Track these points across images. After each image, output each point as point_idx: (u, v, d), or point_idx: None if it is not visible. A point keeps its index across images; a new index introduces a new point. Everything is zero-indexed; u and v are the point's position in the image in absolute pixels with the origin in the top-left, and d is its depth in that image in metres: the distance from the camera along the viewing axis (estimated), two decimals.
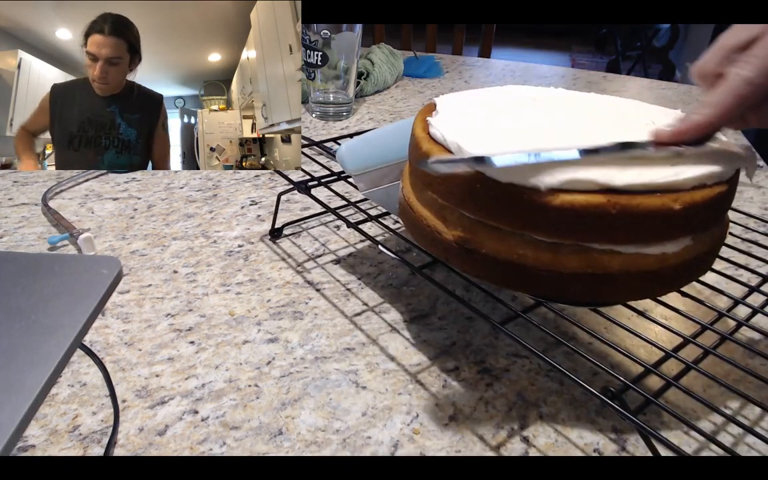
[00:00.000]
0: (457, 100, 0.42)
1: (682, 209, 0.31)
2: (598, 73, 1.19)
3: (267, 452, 0.34)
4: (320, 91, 0.85)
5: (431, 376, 0.39)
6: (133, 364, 0.39)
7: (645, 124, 0.39)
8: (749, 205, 0.65)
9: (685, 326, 0.44)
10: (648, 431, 0.29)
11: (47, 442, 0.34)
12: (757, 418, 0.37)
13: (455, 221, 0.35)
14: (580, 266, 0.32)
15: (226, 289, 0.47)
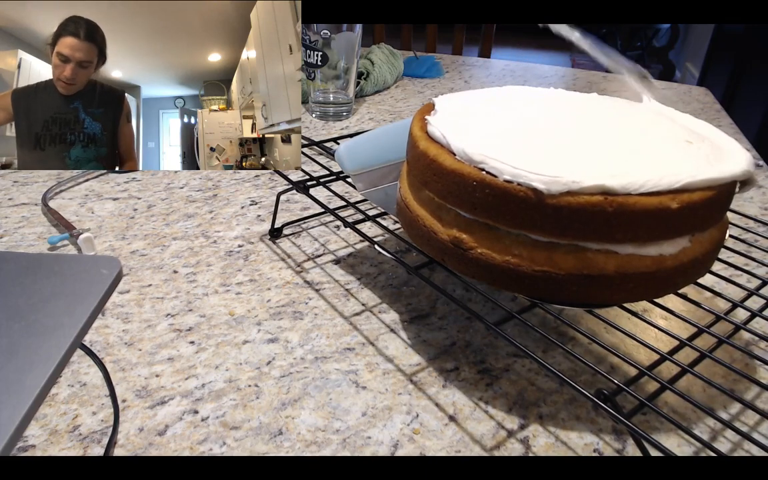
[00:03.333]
0: (456, 99, 0.42)
1: (680, 209, 0.31)
2: (598, 73, 1.19)
3: (267, 452, 0.34)
4: (320, 91, 0.85)
5: (431, 376, 0.39)
6: (133, 364, 0.39)
7: (643, 125, 0.39)
8: (749, 206, 0.65)
9: (684, 328, 0.44)
10: (639, 434, 0.29)
11: (47, 442, 0.34)
12: (755, 423, 0.37)
13: (451, 220, 0.35)
14: (576, 267, 0.32)
15: (226, 289, 0.47)
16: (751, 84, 2.44)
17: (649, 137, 0.36)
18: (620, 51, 3.32)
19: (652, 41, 3.75)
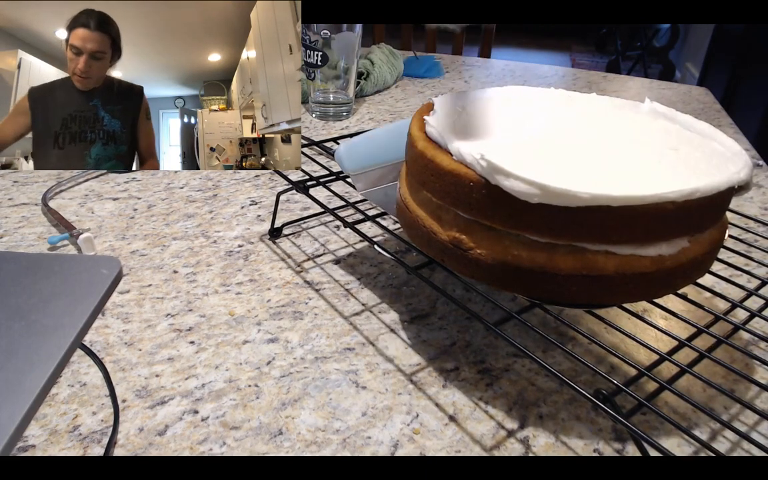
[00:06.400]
0: (455, 100, 0.42)
1: (677, 209, 0.31)
2: (598, 73, 1.19)
3: (267, 452, 0.34)
4: (320, 91, 0.85)
5: (431, 376, 0.39)
6: (133, 364, 0.40)
7: (641, 128, 0.39)
8: (749, 206, 0.65)
9: (684, 329, 0.44)
10: (638, 434, 0.29)
11: (47, 442, 0.34)
12: (755, 423, 0.37)
13: (450, 221, 0.35)
14: (576, 268, 0.32)
15: (226, 289, 0.47)
16: (751, 84, 2.44)
17: (646, 141, 0.36)
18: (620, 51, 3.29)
19: (652, 41, 3.75)
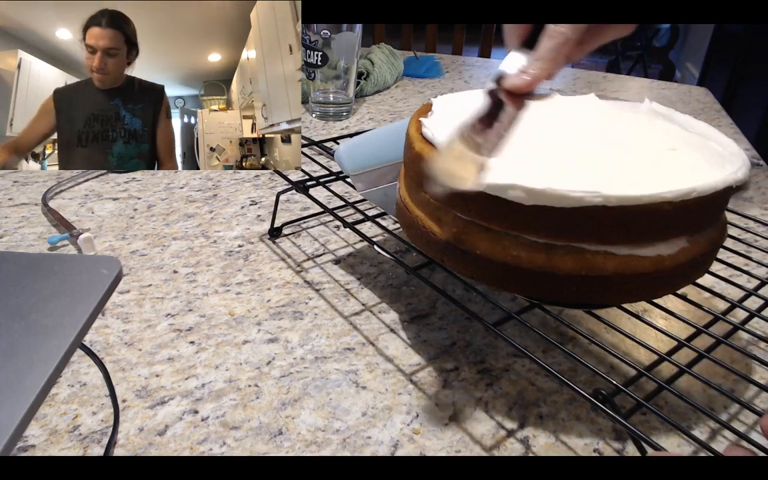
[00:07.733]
0: (453, 100, 0.42)
1: (674, 209, 0.31)
2: (598, 73, 1.19)
3: (267, 452, 0.34)
4: (320, 91, 0.85)
5: (431, 376, 0.39)
6: (133, 364, 0.40)
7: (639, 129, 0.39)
8: (749, 206, 0.65)
9: (683, 329, 0.44)
10: (637, 434, 0.29)
11: (47, 442, 0.34)
12: (754, 423, 0.37)
13: (449, 222, 0.35)
14: (575, 268, 0.32)
15: (226, 289, 0.47)
16: (751, 84, 2.44)
17: (644, 142, 0.36)
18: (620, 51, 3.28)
19: (652, 41, 3.74)
